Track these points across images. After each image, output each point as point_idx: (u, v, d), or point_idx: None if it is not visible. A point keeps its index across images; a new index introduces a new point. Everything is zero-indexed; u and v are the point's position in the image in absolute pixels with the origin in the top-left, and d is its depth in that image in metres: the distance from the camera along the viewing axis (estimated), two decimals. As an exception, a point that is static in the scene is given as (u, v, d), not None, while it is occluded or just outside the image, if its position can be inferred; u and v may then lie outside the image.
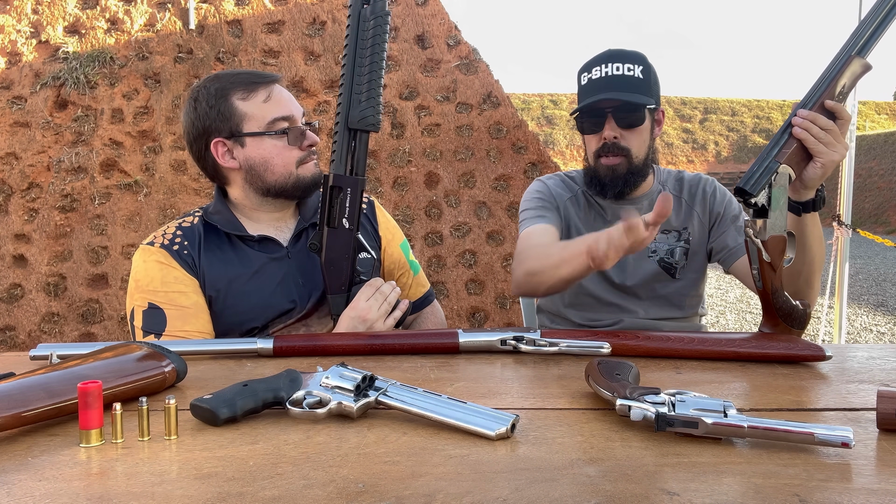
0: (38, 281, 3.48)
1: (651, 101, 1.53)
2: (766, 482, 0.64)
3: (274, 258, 1.40)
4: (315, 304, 1.39)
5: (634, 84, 1.52)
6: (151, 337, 1.28)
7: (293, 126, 1.38)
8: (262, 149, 1.36)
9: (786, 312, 1.14)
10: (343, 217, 1.28)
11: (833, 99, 1.12)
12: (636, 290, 1.63)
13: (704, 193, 1.66)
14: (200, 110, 1.36)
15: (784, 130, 1.13)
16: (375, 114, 1.26)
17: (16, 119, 3.57)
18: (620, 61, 1.53)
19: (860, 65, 1.12)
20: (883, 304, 7.36)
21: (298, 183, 1.39)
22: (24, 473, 0.68)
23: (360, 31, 1.25)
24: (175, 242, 1.36)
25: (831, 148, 1.11)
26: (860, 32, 1.12)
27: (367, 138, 1.28)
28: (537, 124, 22.65)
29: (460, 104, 3.75)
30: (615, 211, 1.65)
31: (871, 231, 10.40)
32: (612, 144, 1.54)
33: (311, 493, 0.63)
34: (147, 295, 1.31)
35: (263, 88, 1.36)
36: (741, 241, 1.58)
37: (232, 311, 1.35)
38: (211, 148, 1.37)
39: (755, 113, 26.77)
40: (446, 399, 0.81)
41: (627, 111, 1.52)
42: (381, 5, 1.25)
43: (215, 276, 1.35)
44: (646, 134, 1.57)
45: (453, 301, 3.65)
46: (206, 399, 0.81)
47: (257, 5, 3.76)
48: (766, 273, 1.09)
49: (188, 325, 1.29)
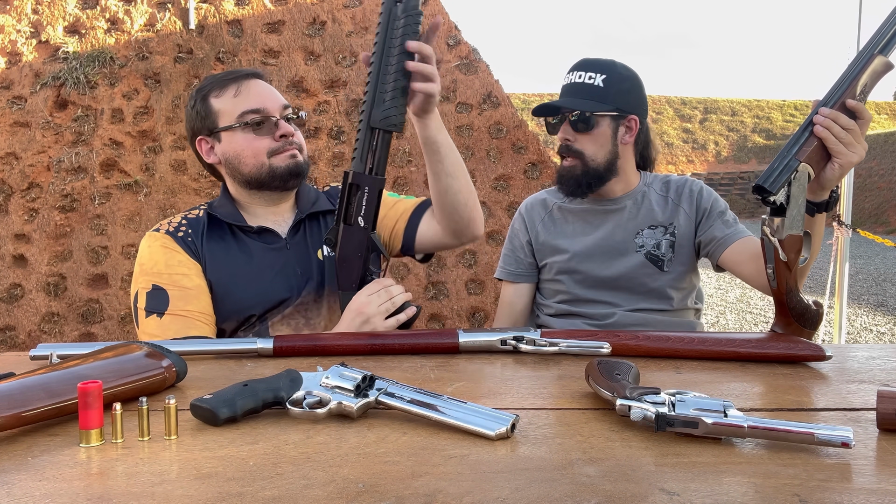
0: (38, 281, 3.48)
1: (605, 107, 1.64)
2: (766, 482, 0.64)
3: (273, 248, 1.44)
4: (310, 292, 1.42)
5: (589, 91, 1.64)
6: (154, 317, 1.31)
7: (266, 117, 1.40)
8: (234, 142, 1.41)
9: (799, 312, 1.13)
10: (359, 215, 1.29)
11: (854, 98, 1.11)
12: (626, 284, 1.69)
13: (691, 192, 1.73)
14: (188, 113, 1.46)
15: (805, 128, 1.11)
16: (399, 114, 1.24)
17: (16, 119, 3.57)
18: (584, 70, 1.67)
19: (882, 63, 1.10)
20: (883, 304, 7.36)
21: (273, 173, 1.41)
22: (24, 473, 0.68)
23: (390, 30, 1.23)
24: (179, 230, 1.42)
25: (851, 148, 1.11)
26: (883, 31, 1.11)
27: (388, 138, 1.27)
28: (537, 124, 22.62)
29: (460, 104, 3.75)
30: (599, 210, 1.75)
31: (871, 231, 10.39)
32: (565, 147, 1.68)
33: (311, 493, 0.63)
34: (151, 277, 1.35)
35: (234, 83, 1.42)
36: (728, 232, 1.65)
37: (231, 298, 1.39)
38: (197, 146, 1.46)
39: (755, 113, 26.77)
40: (446, 399, 0.81)
41: (579, 117, 1.64)
42: (414, 4, 1.23)
43: (216, 265, 1.40)
44: (603, 139, 1.66)
45: (453, 301, 3.65)
46: (206, 399, 0.81)
47: (257, 5, 3.76)
48: (782, 272, 1.08)
49: (190, 304, 1.33)
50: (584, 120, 1.64)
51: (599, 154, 1.67)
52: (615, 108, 1.65)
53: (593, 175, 1.67)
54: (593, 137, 1.66)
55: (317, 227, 1.50)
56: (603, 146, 1.66)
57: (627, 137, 1.69)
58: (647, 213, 1.71)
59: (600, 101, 1.64)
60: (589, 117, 1.64)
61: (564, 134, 1.67)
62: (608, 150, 1.67)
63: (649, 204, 1.72)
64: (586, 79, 1.65)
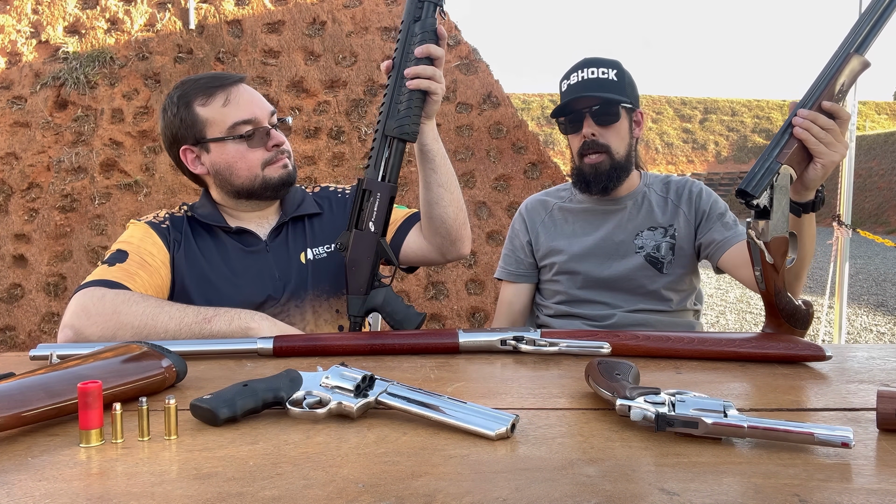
0: (38, 281, 3.48)
1: (626, 99, 1.63)
2: (766, 482, 0.64)
3: (252, 251, 1.44)
4: (290, 296, 1.42)
5: (608, 85, 1.63)
6: (105, 266, 1.33)
7: (257, 128, 1.39)
8: (226, 153, 1.39)
9: (789, 313, 1.13)
10: (370, 221, 1.30)
11: (832, 97, 1.12)
12: (625, 285, 1.68)
13: (690, 194, 1.72)
14: (167, 119, 1.41)
15: (784, 131, 1.12)
16: (412, 124, 1.28)
17: (16, 119, 3.57)
18: (595, 66, 1.65)
19: (859, 62, 1.11)
20: (883, 304, 7.36)
21: (266, 184, 1.41)
22: (24, 473, 0.68)
23: (407, 45, 1.29)
24: (163, 223, 1.44)
25: (832, 148, 1.11)
26: (858, 30, 1.11)
27: (402, 147, 1.30)
28: (537, 124, 22.65)
29: (460, 104, 3.76)
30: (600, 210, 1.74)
31: (871, 231, 10.40)
32: (591, 142, 1.65)
33: (311, 493, 0.63)
34: (121, 245, 1.39)
35: (222, 92, 1.38)
36: (728, 235, 1.64)
37: (205, 300, 1.37)
38: (180, 155, 1.42)
39: (755, 113, 26.78)
40: (446, 399, 0.81)
41: (603, 109, 1.62)
42: (431, 23, 1.28)
43: (192, 262, 1.40)
44: (624, 132, 1.66)
45: (453, 301, 3.65)
46: (206, 399, 0.81)
47: (257, 5, 3.76)
48: (769, 274, 1.09)
49: (142, 272, 1.34)
50: (609, 112, 1.62)
51: (622, 147, 1.66)
52: (629, 101, 1.65)
53: (621, 169, 1.66)
54: (616, 130, 1.64)
55: (300, 230, 1.49)
56: (624, 139, 1.66)
57: (637, 131, 1.70)
58: (647, 214, 1.70)
59: (619, 93, 1.63)
60: (614, 109, 1.62)
61: (589, 128, 1.64)
62: (627, 144, 1.67)
63: (649, 205, 1.71)
64: (599, 74, 1.63)
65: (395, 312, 1.31)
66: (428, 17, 1.28)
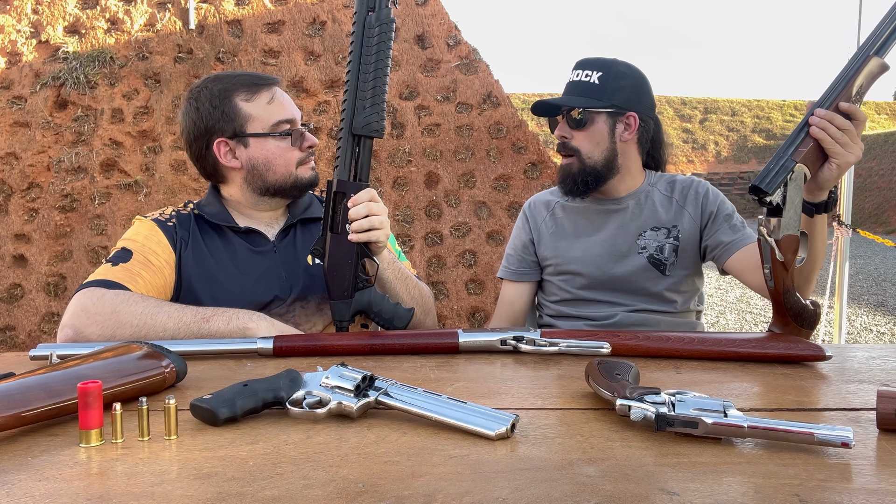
0: (38, 281, 3.48)
1: (600, 104, 1.63)
2: (766, 482, 0.64)
3: (259, 251, 1.44)
4: (296, 297, 1.42)
5: (586, 89, 1.65)
6: (108, 265, 1.33)
7: (295, 128, 1.43)
8: (266, 149, 1.41)
9: (796, 312, 1.13)
10: (346, 223, 1.28)
11: (850, 98, 1.11)
12: (627, 286, 1.67)
13: (697, 194, 1.70)
14: (203, 110, 1.40)
15: (801, 129, 1.12)
16: (379, 120, 1.27)
17: (16, 119, 3.57)
18: (582, 68, 1.67)
19: (878, 65, 1.11)
20: (883, 304, 7.36)
21: (297, 183, 1.45)
22: (24, 473, 0.68)
23: (365, 38, 1.26)
24: (169, 221, 1.44)
25: (847, 149, 1.11)
26: (878, 32, 1.11)
27: (370, 144, 1.29)
28: (537, 124, 22.64)
29: (460, 104, 3.75)
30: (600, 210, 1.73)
31: (871, 231, 10.39)
32: (562, 144, 1.68)
33: (311, 493, 0.63)
34: (126, 242, 1.39)
35: (266, 90, 1.42)
36: (735, 237, 1.62)
37: (212, 299, 1.37)
38: (213, 147, 1.41)
39: (755, 113, 26.76)
40: (446, 399, 0.81)
41: (574, 113, 1.65)
42: (387, 13, 1.26)
43: (199, 261, 1.40)
44: (599, 136, 1.65)
45: (453, 301, 3.65)
46: (206, 399, 0.81)
47: (257, 5, 3.76)
48: (779, 272, 1.09)
49: (145, 272, 1.34)
50: (579, 116, 1.64)
51: (596, 152, 1.65)
52: (611, 104, 1.64)
53: (591, 173, 1.66)
54: (589, 134, 1.65)
55: (308, 233, 1.50)
56: (599, 143, 1.65)
57: (627, 135, 1.67)
58: (650, 213, 1.69)
59: (596, 98, 1.63)
60: (582, 114, 1.64)
61: (561, 131, 1.67)
62: (605, 148, 1.66)
63: (652, 204, 1.69)
64: (583, 77, 1.66)
65: (383, 312, 1.30)
66: (382, 7, 1.26)
